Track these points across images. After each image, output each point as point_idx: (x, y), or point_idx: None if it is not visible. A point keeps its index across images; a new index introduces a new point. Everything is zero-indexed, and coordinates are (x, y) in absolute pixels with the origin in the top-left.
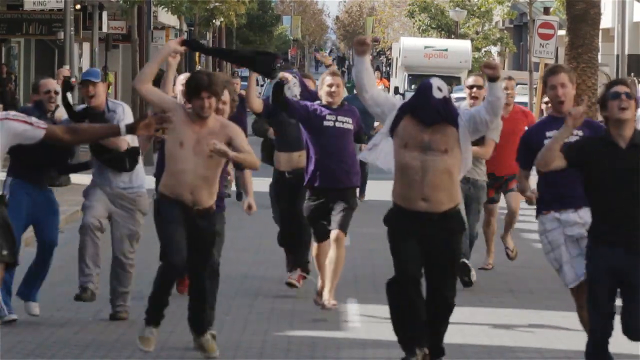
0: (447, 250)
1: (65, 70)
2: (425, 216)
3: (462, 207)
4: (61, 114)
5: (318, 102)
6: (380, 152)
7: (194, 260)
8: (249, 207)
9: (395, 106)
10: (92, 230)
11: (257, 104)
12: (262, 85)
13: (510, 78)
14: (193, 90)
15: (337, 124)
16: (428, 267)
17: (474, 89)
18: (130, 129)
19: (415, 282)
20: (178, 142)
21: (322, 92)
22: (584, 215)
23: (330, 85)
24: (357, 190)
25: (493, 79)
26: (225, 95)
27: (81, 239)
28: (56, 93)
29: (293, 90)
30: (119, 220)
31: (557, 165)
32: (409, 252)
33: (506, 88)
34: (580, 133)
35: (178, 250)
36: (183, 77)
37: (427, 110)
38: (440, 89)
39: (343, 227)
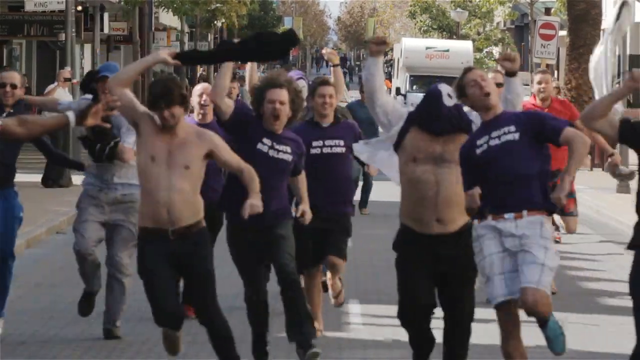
0: (463, 266)
1: (66, 72)
2: (438, 239)
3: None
4: (59, 96)
5: (309, 117)
6: (377, 157)
7: (195, 302)
8: (303, 214)
9: (403, 117)
10: (88, 255)
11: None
12: None
13: (545, 72)
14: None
15: (325, 150)
16: (445, 284)
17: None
18: (80, 119)
19: (427, 310)
20: (149, 156)
21: (315, 104)
22: (523, 226)
23: (323, 96)
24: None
25: (511, 73)
26: (284, 95)
27: (80, 266)
28: (12, 87)
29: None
30: (113, 230)
31: (603, 127)
32: (421, 286)
33: (539, 82)
34: (513, 128)
35: (165, 297)
36: (200, 88)
37: (438, 119)
38: (450, 96)
39: (340, 253)
